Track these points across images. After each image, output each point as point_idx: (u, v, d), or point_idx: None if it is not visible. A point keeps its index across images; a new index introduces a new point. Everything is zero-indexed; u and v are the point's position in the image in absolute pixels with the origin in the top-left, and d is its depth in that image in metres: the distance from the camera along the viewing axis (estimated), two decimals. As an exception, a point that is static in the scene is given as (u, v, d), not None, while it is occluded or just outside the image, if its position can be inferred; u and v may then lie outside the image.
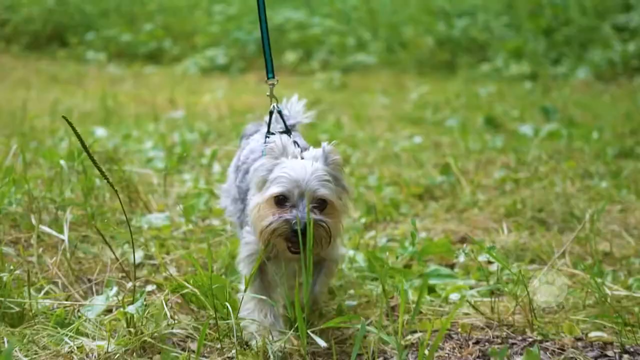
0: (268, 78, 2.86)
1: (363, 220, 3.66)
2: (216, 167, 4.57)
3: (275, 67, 8.16)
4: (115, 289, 2.63)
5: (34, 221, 2.94)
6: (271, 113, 2.79)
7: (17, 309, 2.41)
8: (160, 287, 2.62)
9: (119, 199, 2.31)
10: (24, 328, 2.32)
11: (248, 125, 3.09)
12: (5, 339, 2.23)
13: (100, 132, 5.33)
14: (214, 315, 2.30)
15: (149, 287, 2.69)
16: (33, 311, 2.43)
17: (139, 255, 2.94)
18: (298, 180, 2.39)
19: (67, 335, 2.28)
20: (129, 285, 2.71)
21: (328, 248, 2.45)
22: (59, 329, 2.33)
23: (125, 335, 2.30)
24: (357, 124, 6.36)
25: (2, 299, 2.35)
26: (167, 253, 3.05)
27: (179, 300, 2.54)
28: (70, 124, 2.14)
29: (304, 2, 10.90)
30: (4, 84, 8.17)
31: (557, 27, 10.02)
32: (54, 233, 2.91)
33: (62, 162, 3.22)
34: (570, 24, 9.99)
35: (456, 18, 10.42)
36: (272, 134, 2.69)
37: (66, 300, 2.57)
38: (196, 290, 2.39)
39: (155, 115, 6.05)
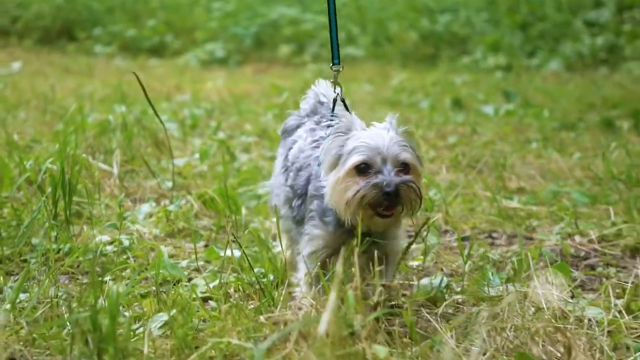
0: (333, 64, 2.98)
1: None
2: (221, 134, 5.83)
3: (270, 60, 10.19)
4: (154, 203, 3.92)
5: (91, 160, 4.21)
6: (335, 101, 2.87)
7: (89, 209, 3.68)
8: (189, 193, 3.87)
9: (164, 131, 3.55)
10: (97, 220, 3.59)
11: (288, 118, 3.09)
12: (84, 226, 3.50)
13: (121, 109, 6.59)
14: (226, 211, 3.56)
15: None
16: (100, 212, 3.70)
17: (169, 184, 4.21)
18: (378, 146, 2.45)
19: (127, 223, 3.55)
20: (163, 202, 3.98)
21: (412, 214, 2.50)
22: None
23: (165, 224, 3.58)
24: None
25: (83, 200, 3.62)
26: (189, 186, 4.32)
27: (201, 208, 3.81)
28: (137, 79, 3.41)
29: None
30: (23, 74, 9.42)
31: (533, 22, 11.31)
32: (107, 167, 4.19)
33: (110, 117, 4.51)
34: (545, 20, 11.29)
35: (439, 14, 11.71)
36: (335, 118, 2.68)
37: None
38: (215, 195, 3.66)
39: (167, 97, 7.33)
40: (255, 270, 2.87)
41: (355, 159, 2.44)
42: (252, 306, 2.55)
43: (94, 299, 1.98)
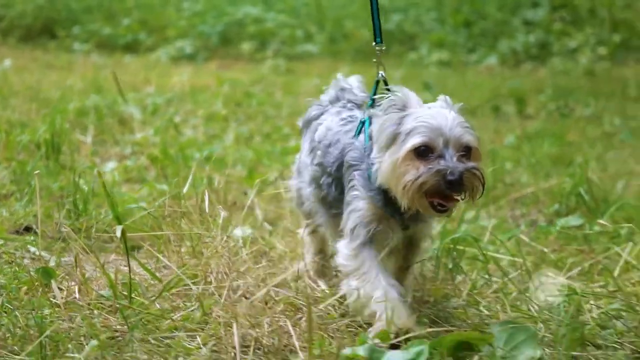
0: (376, 43, 3.02)
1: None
2: (178, 118, 7.78)
3: (235, 56, 12.88)
4: (117, 162, 5.88)
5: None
6: (377, 82, 2.99)
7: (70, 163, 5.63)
8: (141, 154, 5.84)
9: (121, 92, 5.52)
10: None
11: (310, 108, 3.26)
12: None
13: (95, 98, 8.54)
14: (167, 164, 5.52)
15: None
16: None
17: (129, 150, 6.17)
18: (441, 127, 2.46)
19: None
20: (124, 161, 5.94)
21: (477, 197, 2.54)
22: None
23: (123, 174, 5.54)
24: (286, 95, 9.62)
25: (66, 157, 5.58)
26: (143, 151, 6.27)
27: (149, 164, 5.76)
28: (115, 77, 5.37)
29: None
30: (11, 70, 11.38)
31: (476, 20, 13.33)
32: (83, 138, 6.16)
33: (88, 102, 6.47)
34: (487, 18, 13.30)
35: (392, 13, 13.71)
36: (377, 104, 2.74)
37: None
38: (159, 154, 5.62)
39: (135, 89, 9.30)
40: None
41: (415, 141, 2.46)
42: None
43: (74, 191, 3.95)
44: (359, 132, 2.80)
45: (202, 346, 2.59)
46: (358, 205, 2.67)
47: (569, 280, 3.42)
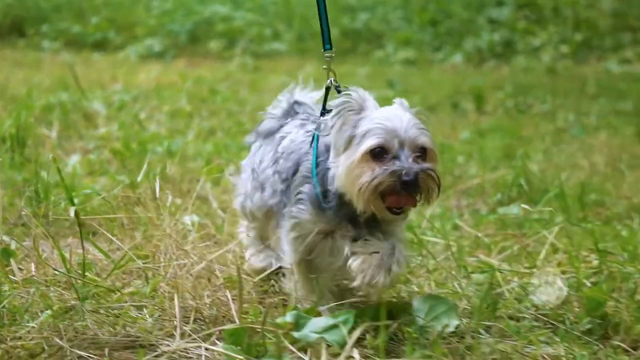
0: (325, 49, 3.01)
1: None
2: (143, 114, 8.03)
3: (203, 54, 13.25)
4: (80, 156, 6.13)
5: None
6: (327, 89, 2.95)
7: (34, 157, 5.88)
8: (104, 148, 6.10)
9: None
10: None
11: (266, 121, 3.25)
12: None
13: (64, 96, 8.77)
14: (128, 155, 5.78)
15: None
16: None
17: (93, 145, 6.42)
18: (396, 129, 2.48)
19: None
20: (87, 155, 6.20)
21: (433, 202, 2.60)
22: (56, 165, 5.81)
23: (87, 165, 5.79)
24: (252, 93, 9.90)
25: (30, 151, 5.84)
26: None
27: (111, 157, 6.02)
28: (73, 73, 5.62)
29: (230, -2, 14.48)
30: (-22, 67, 11.58)
31: (442, 19, 13.67)
32: (47, 132, 6.41)
33: (52, 99, 6.72)
34: (452, 17, 13.65)
35: (360, 12, 14.03)
36: (328, 111, 2.76)
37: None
38: (121, 148, 5.88)
39: (102, 86, 9.55)
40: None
41: (370, 143, 2.49)
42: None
43: (36, 180, 4.22)
44: (311, 144, 2.85)
45: (147, 317, 2.86)
46: (301, 218, 2.73)
47: (498, 262, 3.74)
